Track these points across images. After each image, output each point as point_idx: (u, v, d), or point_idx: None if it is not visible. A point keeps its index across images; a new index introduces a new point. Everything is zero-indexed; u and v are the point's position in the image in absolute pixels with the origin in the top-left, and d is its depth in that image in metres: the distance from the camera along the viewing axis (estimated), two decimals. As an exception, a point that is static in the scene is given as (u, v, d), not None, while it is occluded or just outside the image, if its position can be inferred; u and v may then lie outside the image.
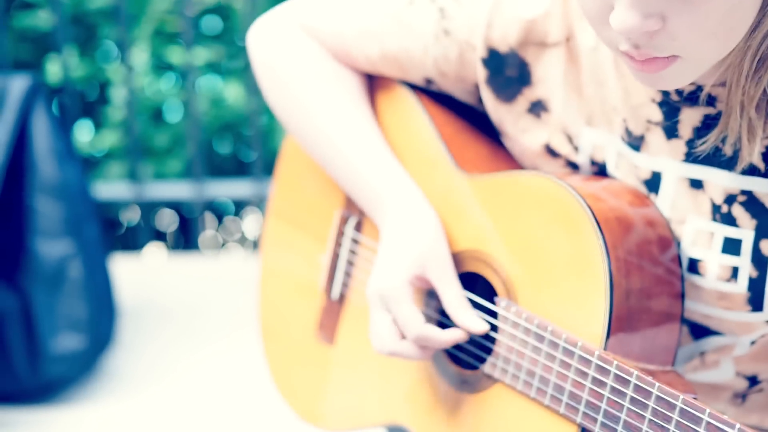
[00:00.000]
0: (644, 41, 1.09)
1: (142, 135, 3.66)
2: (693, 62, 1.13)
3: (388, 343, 1.38)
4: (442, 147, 1.45)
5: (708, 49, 1.11)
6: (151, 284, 3.20)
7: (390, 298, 1.37)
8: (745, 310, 1.28)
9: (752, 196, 1.24)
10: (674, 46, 1.10)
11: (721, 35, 1.09)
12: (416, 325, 1.35)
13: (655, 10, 1.07)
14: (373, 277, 1.40)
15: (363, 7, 1.49)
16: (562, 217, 1.27)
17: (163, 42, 3.66)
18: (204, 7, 3.62)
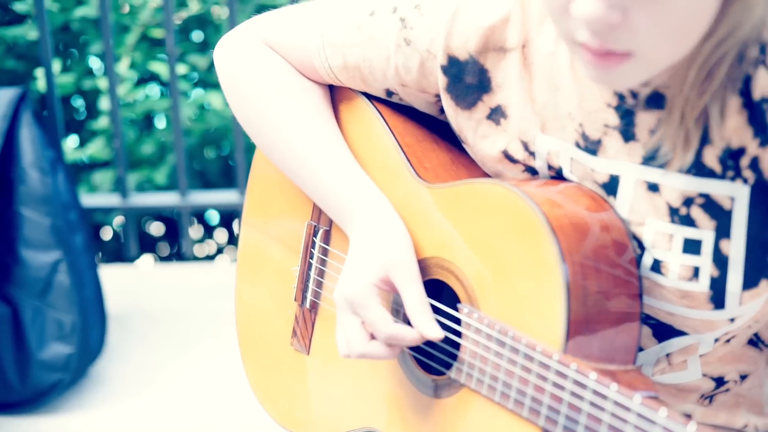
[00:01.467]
0: (604, 32, 1.10)
1: (130, 145, 3.66)
2: (646, 61, 1.14)
3: (357, 345, 1.39)
4: (402, 157, 1.46)
5: (663, 49, 1.12)
6: (140, 292, 3.20)
7: (357, 301, 1.38)
8: (708, 308, 1.29)
9: (710, 199, 1.25)
10: (632, 41, 1.11)
11: (678, 35, 1.11)
12: (386, 325, 1.37)
13: (619, 2, 1.08)
14: (340, 282, 1.42)
15: (324, 19, 1.50)
16: (518, 225, 1.28)
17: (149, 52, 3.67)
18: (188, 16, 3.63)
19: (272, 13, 1.59)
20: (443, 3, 1.39)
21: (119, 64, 3.56)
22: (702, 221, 1.26)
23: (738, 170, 1.22)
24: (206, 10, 3.65)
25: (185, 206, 3.30)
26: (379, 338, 1.37)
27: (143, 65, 3.65)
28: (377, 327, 1.37)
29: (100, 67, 3.72)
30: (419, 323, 1.35)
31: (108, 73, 3.11)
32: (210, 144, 3.76)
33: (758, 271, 1.26)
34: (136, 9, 3.60)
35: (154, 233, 3.97)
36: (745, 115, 1.20)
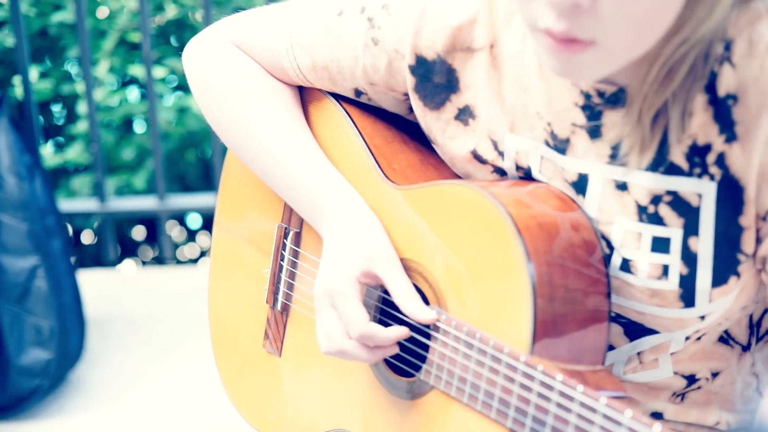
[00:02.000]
0: (570, 16, 1.09)
1: (109, 149, 3.66)
2: (608, 53, 1.13)
3: (337, 340, 1.39)
4: (371, 159, 1.46)
5: (626, 40, 1.12)
6: (120, 297, 3.20)
7: (337, 294, 1.38)
8: (678, 306, 1.29)
9: (677, 196, 1.25)
10: (596, 29, 1.10)
11: (642, 27, 1.11)
12: (361, 323, 1.36)
13: None
14: (320, 276, 1.41)
15: (293, 20, 1.50)
16: (485, 226, 1.28)
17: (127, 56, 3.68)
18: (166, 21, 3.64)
19: (241, 15, 1.60)
20: (411, 3, 1.39)
21: (97, 68, 3.56)
22: (670, 219, 1.26)
23: (704, 167, 1.23)
24: (184, 14, 3.67)
25: (164, 210, 3.30)
26: (352, 335, 1.37)
27: (122, 69, 3.66)
28: (353, 323, 1.37)
29: (79, 72, 3.73)
30: (409, 309, 1.34)
31: (85, 78, 3.12)
32: (190, 147, 3.77)
33: (727, 268, 1.27)
34: (113, 13, 3.61)
35: (136, 237, 3.97)
36: (711, 111, 1.20)
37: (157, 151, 3.20)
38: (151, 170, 3.63)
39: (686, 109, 1.21)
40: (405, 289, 1.36)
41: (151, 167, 3.62)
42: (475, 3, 1.36)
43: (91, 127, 3.17)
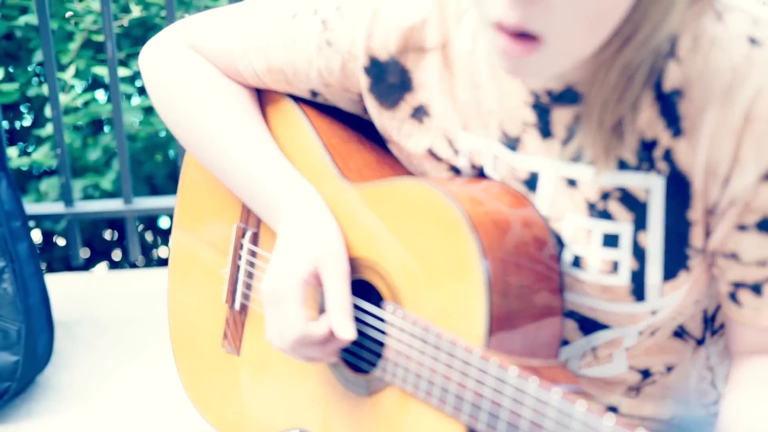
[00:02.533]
0: (521, 6, 1.09)
1: (76, 151, 3.65)
2: (556, 51, 1.14)
3: (286, 339, 1.40)
4: (327, 158, 1.47)
5: (575, 36, 1.12)
6: (88, 299, 3.19)
7: (281, 295, 1.39)
8: (629, 301, 1.30)
9: (626, 192, 1.26)
10: (547, 22, 1.10)
11: (591, 24, 1.11)
12: (297, 325, 1.37)
13: None
14: (267, 275, 1.42)
15: (248, 23, 1.51)
16: (440, 223, 1.29)
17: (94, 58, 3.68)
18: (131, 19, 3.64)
19: (197, 17, 1.60)
20: (363, 5, 1.40)
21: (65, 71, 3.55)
22: (619, 214, 1.28)
23: (652, 162, 1.24)
24: (150, 15, 3.67)
25: (131, 212, 3.29)
26: (287, 338, 1.38)
27: (88, 71, 3.65)
28: (290, 325, 1.38)
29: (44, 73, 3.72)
30: (334, 321, 1.36)
31: (48, 80, 3.11)
32: (157, 149, 3.76)
33: (677, 262, 1.28)
34: (79, 15, 3.60)
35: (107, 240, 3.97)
36: (657, 107, 1.22)
37: (122, 153, 3.20)
38: (117, 172, 3.62)
39: (635, 106, 1.22)
40: (340, 299, 1.37)
41: (118, 169, 3.61)
42: (426, 4, 1.37)
43: (56, 129, 3.15)
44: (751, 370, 1.32)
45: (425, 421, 1.30)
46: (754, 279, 1.27)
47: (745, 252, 1.25)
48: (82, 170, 3.68)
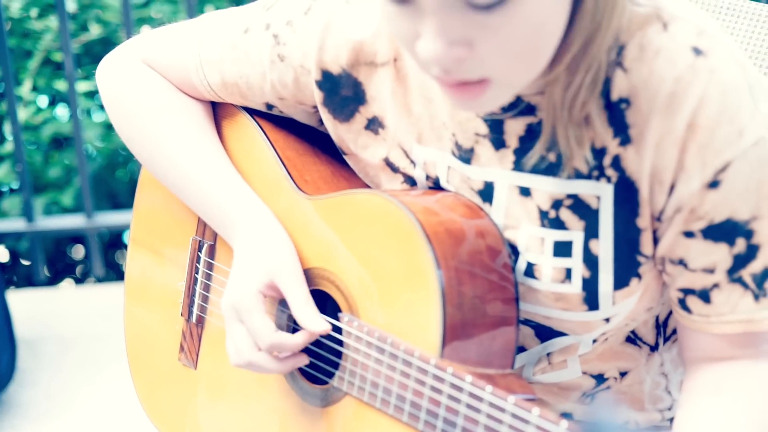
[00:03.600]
0: (454, 67, 1.11)
1: (37, 168, 3.65)
2: (504, 84, 1.16)
3: (246, 353, 1.40)
4: (283, 171, 1.48)
5: (516, 71, 1.14)
6: (51, 316, 3.19)
7: (242, 309, 1.40)
8: (582, 309, 1.32)
9: (578, 199, 1.28)
10: (484, 69, 1.12)
11: (526, 57, 1.13)
12: (268, 334, 1.38)
13: (460, 38, 1.09)
14: (227, 290, 1.43)
15: (201, 38, 1.52)
16: (395, 233, 1.31)
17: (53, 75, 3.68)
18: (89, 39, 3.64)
19: (151, 33, 1.61)
20: (314, 18, 1.41)
21: (22, 87, 3.55)
22: (571, 222, 1.29)
23: (601, 169, 1.25)
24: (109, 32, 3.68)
25: (92, 228, 3.29)
26: (261, 346, 1.39)
27: (49, 88, 3.65)
28: (260, 335, 1.38)
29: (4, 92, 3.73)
30: (305, 320, 1.36)
31: (8, 97, 3.11)
32: (119, 164, 3.76)
33: (628, 270, 1.29)
34: (38, 34, 3.61)
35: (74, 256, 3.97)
36: (605, 115, 1.23)
37: (82, 168, 3.20)
38: (78, 188, 3.61)
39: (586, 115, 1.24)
40: (302, 300, 1.38)
41: (79, 185, 3.59)
42: (377, 17, 1.38)
43: (16, 146, 3.16)
44: (702, 377, 1.33)
45: (382, 430, 1.31)
46: (702, 285, 1.28)
47: (692, 259, 1.27)
48: (44, 187, 3.68)
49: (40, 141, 3.68)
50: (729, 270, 1.26)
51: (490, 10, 1.07)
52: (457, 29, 1.09)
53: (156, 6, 3.67)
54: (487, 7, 1.07)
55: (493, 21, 1.07)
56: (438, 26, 1.08)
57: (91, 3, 3.64)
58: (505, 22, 1.08)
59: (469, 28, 1.09)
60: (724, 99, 1.19)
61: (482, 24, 1.08)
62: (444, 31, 1.09)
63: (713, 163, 1.21)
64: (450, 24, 1.08)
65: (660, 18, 1.23)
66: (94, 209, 3.30)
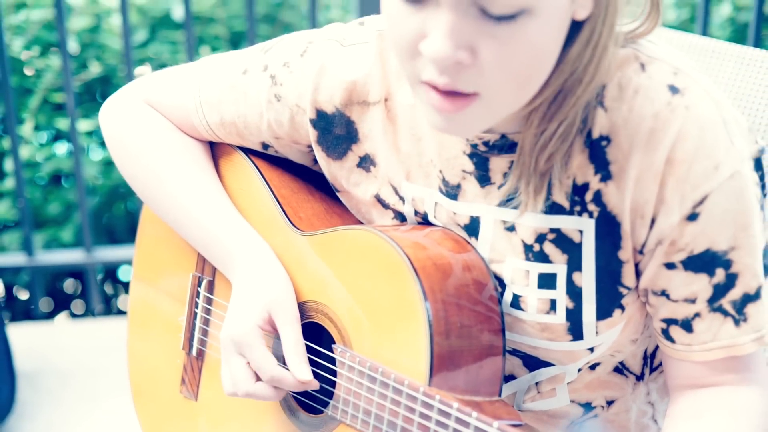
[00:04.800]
0: (452, 72, 1.14)
1: (37, 204, 3.67)
2: (489, 106, 1.18)
3: (243, 384, 1.44)
4: (278, 209, 1.52)
5: (507, 92, 1.17)
6: (50, 350, 3.20)
7: (243, 343, 1.43)
8: (567, 339, 1.36)
9: (561, 233, 1.32)
10: (478, 83, 1.15)
11: (521, 79, 1.16)
12: (270, 367, 1.42)
13: (467, 42, 1.13)
14: (225, 324, 1.46)
15: (201, 79, 1.56)
16: (385, 267, 1.34)
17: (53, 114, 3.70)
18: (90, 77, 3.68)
19: (153, 75, 1.65)
20: (309, 60, 1.46)
21: (23, 126, 3.58)
22: (555, 256, 1.33)
23: (584, 205, 1.29)
24: (109, 70, 3.70)
25: (92, 263, 3.32)
26: (263, 379, 1.42)
27: (49, 125, 3.67)
28: (263, 368, 1.42)
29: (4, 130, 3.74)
30: (291, 365, 1.41)
31: (10, 135, 3.15)
32: (118, 200, 3.78)
33: (610, 301, 1.33)
34: (39, 72, 3.64)
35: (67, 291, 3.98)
36: (587, 153, 1.27)
37: (83, 204, 3.23)
38: (78, 223, 3.64)
39: (568, 151, 1.28)
40: (293, 343, 1.42)
41: (78, 221, 3.63)
42: (369, 59, 1.42)
43: (18, 183, 3.19)
44: (684, 403, 1.37)
45: None
46: (684, 315, 1.32)
47: (674, 289, 1.31)
48: (43, 223, 3.70)
49: (40, 177, 3.71)
50: (709, 299, 1.30)
51: (502, 21, 1.11)
52: (466, 33, 1.12)
53: (154, 46, 3.71)
54: (500, 18, 1.11)
55: (501, 32, 1.12)
56: (450, 27, 1.12)
57: (91, 42, 3.68)
58: (512, 36, 1.12)
59: (477, 35, 1.13)
60: (700, 135, 1.23)
61: (491, 33, 1.12)
62: (455, 32, 1.12)
63: (692, 196, 1.25)
64: (462, 27, 1.12)
65: (638, 59, 1.27)
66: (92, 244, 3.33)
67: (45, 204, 3.69)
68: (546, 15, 1.13)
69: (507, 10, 1.11)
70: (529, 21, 1.12)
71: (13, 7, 3.63)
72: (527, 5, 1.11)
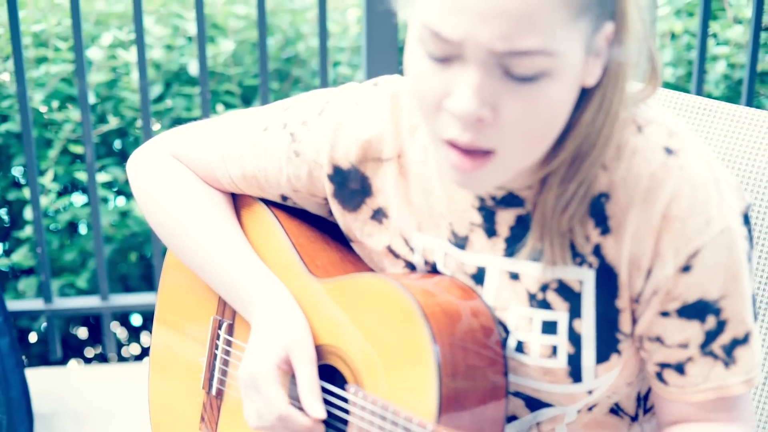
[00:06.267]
0: (474, 128, 1.22)
1: (53, 252, 3.71)
2: (505, 163, 1.27)
3: (267, 417, 1.50)
4: (296, 256, 1.59)
5: (522, 150, 1.26)
6: (66, 393, 3.24)
7: (259, 379, 1.49)
8: (567, 382, 1.43)
9: (562, 283, 1.39)
10: (497, 139, 1.23)
11: (537, 138, 1.25)
12: (280, 405, 1.48)
13: (492, 100, 1.21)
14: (245, 361, 1.53)
15: (225, 135, 1.64)
16: (396, 312, 1.41)
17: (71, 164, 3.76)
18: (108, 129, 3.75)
19: (179, 129, 1.73)
20: (327, 119, 1.53)
21: (43, 176, 3.63)
22: (557, 304, 1.41)
23: (583, 256, 1.37)
24: (125, 123, 3.77)
25: (107, 308, 3.36)
26: (272, 416, 1.49)
27: (66, 176, 3.73)
28: (273, 405, 1.49)
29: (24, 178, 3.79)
30: (306, 402, 1.47)
31: (30, 185, 3.19)
32: (131, 249, 3.83)
33: (608, 346, 1.41)
34: (58, 124, 3.70)
35: (80, 337, 4.00)
36: (588, 208, 1.35)
37: (99, 252, 3.28)
38: (92, 271, 3.69)
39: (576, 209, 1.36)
40: (308, 383, 1.48)
41: (93, 268, 3.68)
42: (382, 119, 1.50)
43: (37, 231, 3.24)
44: None
45: None
46: (677, 360, 1.39)
47: (668, 336, 1.38)
48: (59, 270, 3.75)
49: (56, 226, 3.77)
50: (701, 344, 1.38)
51: (524, 82, 1.20)
52: (490, 92, 1.21)
53: (169, 100, 3.78)
54: (522, 79, 1.20)
55: (523, 92, 1.20)
56: (476, 85, 1.20)
57: (108, 96, 3.75)
58: (532, 96, 1.21)
59: (500, 94, 1.21)
60: (693, 193, 1.32)
61: (513, 92, 1.20)
62: (480, 90, 1.20)
63: (685, 250, 1.33)
64: (486, 85, 1.20)
65: (635, 122, 1.36)
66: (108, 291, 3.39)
67: (61, 251, 3.75)
68: (563, 77, 1.21)
69: (529, 71, 1.19)
70: (548, 82, 1.20)
71: (34, 61, 3.70)
72: (547, 68, 1.19)
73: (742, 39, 3.74)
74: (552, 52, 1.19)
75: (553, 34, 1.18)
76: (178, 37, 3.87)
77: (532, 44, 1.18)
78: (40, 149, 3.69)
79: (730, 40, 3.85)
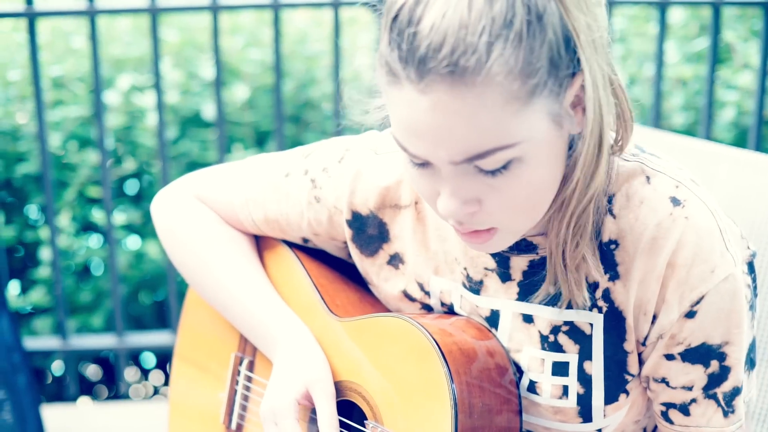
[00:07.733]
0: (466, 219, 1.31)
1: (69, 292, 3.75)
2: (510, 232, 1.34)
3: None
4: (317, 296, 1.64)
5: (519, 221, 1.33)
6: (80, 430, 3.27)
7: (279, 414, 1.54)
8: (577, 421, 1.47)
9: (574, 326, 1.45)
10: (492, 221, 1.31)
11: (526, 210, 1.31)
12: None
13: (472, 197, 1.28)
14: (266, 396, 1.57)
15: (247, 179, 1.69)
16: (414, 351, 1.46)
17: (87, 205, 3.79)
18: (124, 173, 3.79)
19: (203, 172, 1.78)
20: (347, 166, 1.58)
21: (59, 217, 3.68)
22: (568, 346, 1.46)
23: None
24: (141, 165, 3.81)
25: (122, 347, 3.39)
26: None
27: (81, 217, 3.76)
28: None
29: (40, 219, 3.82)
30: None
31: (49, 226, 3.24)
32: (145, 289, 3.86)
33: (617, 387, 1.46)
34: (74, 167, 3.74)
35: (91, 377, 4.03)
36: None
37: (116, 292, 3.32)
38: (107, 310, 3.72)
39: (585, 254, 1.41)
40: (328, 417, 1.52)
41: (108, 308, 3.71)
42: (401, 167, 1.55)
43: (54, 271, 3.28)
44: None
45: None
46: (681, 400, 1.45)
47: (673, 377, 1.43)
48: (73, 310, 3.78)
49: (71, 266, 3.80)
50: (705, 387, 1.43)
51: (496, 174, 1.26)
52: (469, 190, 1.28)
53: (184, 143, 3.82)
54: (494, 172, 1.26)
55: (498, 183, 1.26)
56: (453, 189, 1.28)
57: (125, 139, 3.79)
58: (508, 183, 1.27)
59: (478, 189, 1.28)
60: (698, 242, 1.37)
61: (489, 185, 1.27)
62: (458, 192, 1.28)
63: (690, 296, 1.38)
64: (463, 186, 1.27)
65: (644, 172, 1.41)
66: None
67: (77, 291, 3.78)
68: (535, 156, 1.27)
69: (498, 164, 1.25)
70: (521, 166, 1.26)
71: (51, 104, 3.75)
72: (514, 156, 1.25)
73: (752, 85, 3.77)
74: (512, 144, 1.24)
75: (507, 130, 1.23)
76: (193, 81, 3.91)
77: (489, 146, 1.23)
78: (56, 191, 3.73)
79: (739, 86, 3.89)
